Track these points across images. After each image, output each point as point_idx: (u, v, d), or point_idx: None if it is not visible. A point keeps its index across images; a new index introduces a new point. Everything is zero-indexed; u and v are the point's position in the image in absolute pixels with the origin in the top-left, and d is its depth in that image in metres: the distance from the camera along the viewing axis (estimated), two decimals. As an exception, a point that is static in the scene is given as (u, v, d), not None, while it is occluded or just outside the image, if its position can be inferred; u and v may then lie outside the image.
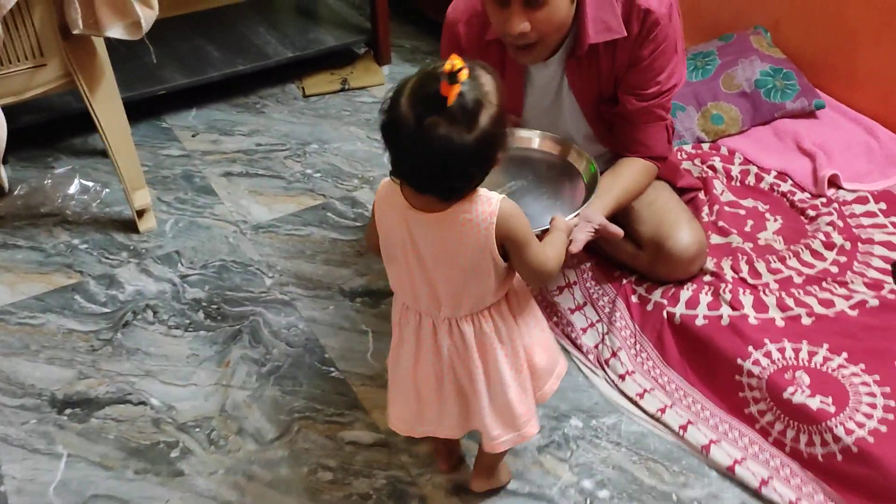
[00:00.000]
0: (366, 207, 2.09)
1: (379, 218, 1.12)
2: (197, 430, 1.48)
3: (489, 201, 1.05)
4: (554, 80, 1.56)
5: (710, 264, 1.71)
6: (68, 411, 1.52)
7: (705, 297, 1.63)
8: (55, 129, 2.34)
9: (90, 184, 2.15)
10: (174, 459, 1.43)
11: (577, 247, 1.32)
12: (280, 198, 2.14)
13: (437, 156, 0.97)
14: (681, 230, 1.64)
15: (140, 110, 2.46)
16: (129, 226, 2.00)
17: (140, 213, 1.96)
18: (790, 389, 1.42)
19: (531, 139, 1.58)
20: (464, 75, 0.94)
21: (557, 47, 1.48)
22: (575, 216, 1.34)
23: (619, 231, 1.41)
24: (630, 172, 1.59)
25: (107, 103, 1.80)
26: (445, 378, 1.18)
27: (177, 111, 2.52)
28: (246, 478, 1.40)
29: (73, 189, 2.11)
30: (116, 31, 1.66)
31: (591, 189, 1.43)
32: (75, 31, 1.63)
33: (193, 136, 2.41)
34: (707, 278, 1.68)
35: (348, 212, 2.07)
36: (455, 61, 0.93)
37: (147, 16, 1.67)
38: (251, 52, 2.61)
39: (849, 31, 2.10)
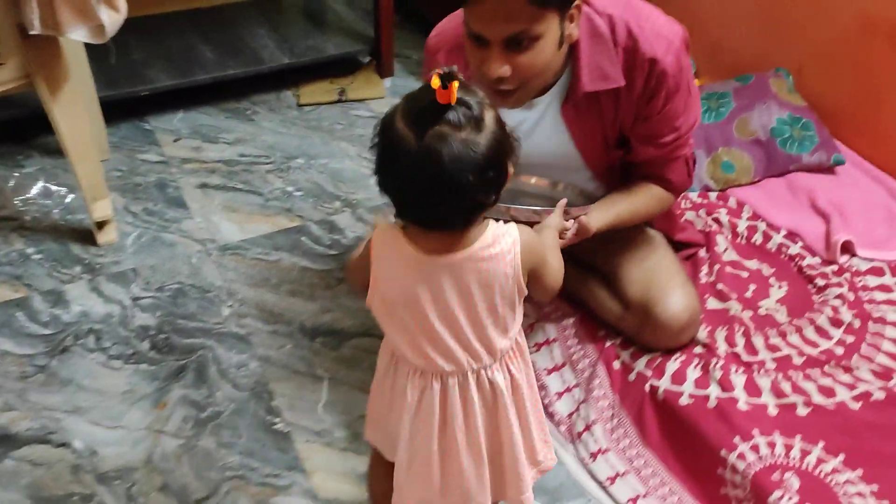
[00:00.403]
0: (343, 234, 1.96)
1: (379, 272, 0.98)
2: (117, 482, 1.35)
3: (505, 230, 0.97)
4: (546, 124, 1.41)
5: (702, 333, 1.56)
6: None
7: (693, 372, 1.48)
8: (33, 125, 2.23)
9: (55, 188, 2.03)
10: (88, 516, 1.31)
11: (566, 240, 1.27)
12: (254, 216, 2.01)
13: (450, 170, 0.86)
14: (672, 295, 1.49)
15: (123, 109, 2.34)
16: (88, 237, 1.88)
17: (100, 225, 1.84)
18: (777, 494, 1.27)
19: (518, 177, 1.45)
20: (456, 79, 0.85)
21: (543, 91, 1.34)
22: (569, 218, 1.27)
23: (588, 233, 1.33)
24: (642, 194, 1.47)
25: (68, 108, 1.67)
26: (481, 440, 1.04)
27: (163, 112, 2.41)
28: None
29: (35, 191, 1.99)
30: (79, 34, 1.53)
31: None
32: (32, 32, 1.51)
33: (175, 140, 2.29)
34: (698, 349, 1.53)
35: (324, 237, 1.94)
36: (442, 68, 0.85)
37: (112, 20, 1.54)
38: (246, 56, 2.49)
39: (875, 81, 1.93)
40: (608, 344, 1.59)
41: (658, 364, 1.51)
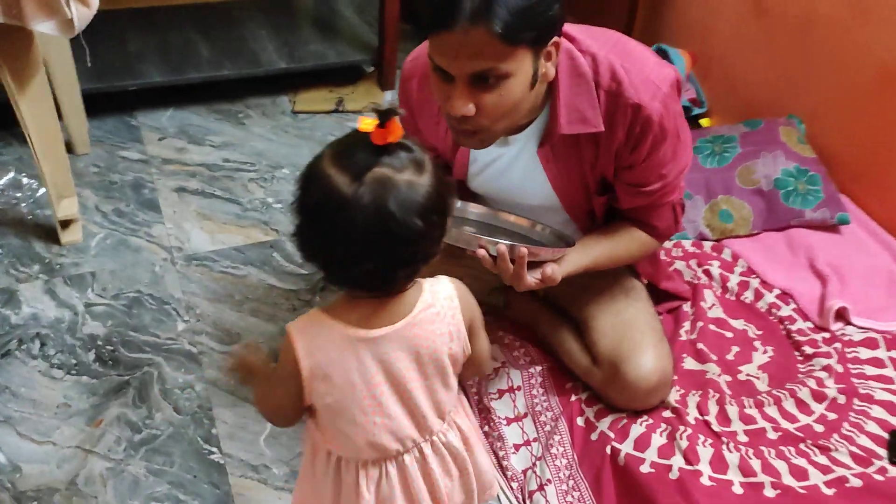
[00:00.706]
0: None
1: (313, 374, 0.85)
2: (29, 501, 1.28)
3: (436, 283, 0.89)
4: (522, 163, 1.32)
5: (674, 396, 1.46)
6: None
7: (658, 439, 1.38)
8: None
9: (26, 180, 1.97)
10: (-4, 538, 1.24)
11: (527, 284, 1.20)
12: (228, 226, 1.94)
13: (398, 217, 0.78)
14: (643, 354, 1.40)
15: (112, 102, 2.29)
16: (53, 234, 1.82)
17: (64, 224, 1.78)
18: (729, 585, 1.17)
19: (495, 213, 1.38)
20: (395, 115, 0.77)
21: (520, 129, 1.25)
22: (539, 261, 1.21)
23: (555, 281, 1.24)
24: (623, 238, 1.38)
25: (36, 103, 1.61)
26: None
27: (152, 108, 2.35)
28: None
29: (4, 182, 1.93)
30: (46, 27, 1.47)
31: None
32: (-4, 21, 1.44)
33: (160, 139, 2.23)
34: (666, 413, 1.44)
35: (297, 255, 1.86)
36: (377, 104, 0.79)
37: (82, 14, 1.48)
38: (244, 57, 2.43)
39: (892, 135, 1.83)
40: (574, 398, 1.50)
41: (623, 426, 1.42)
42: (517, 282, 1.20)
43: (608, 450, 1.39)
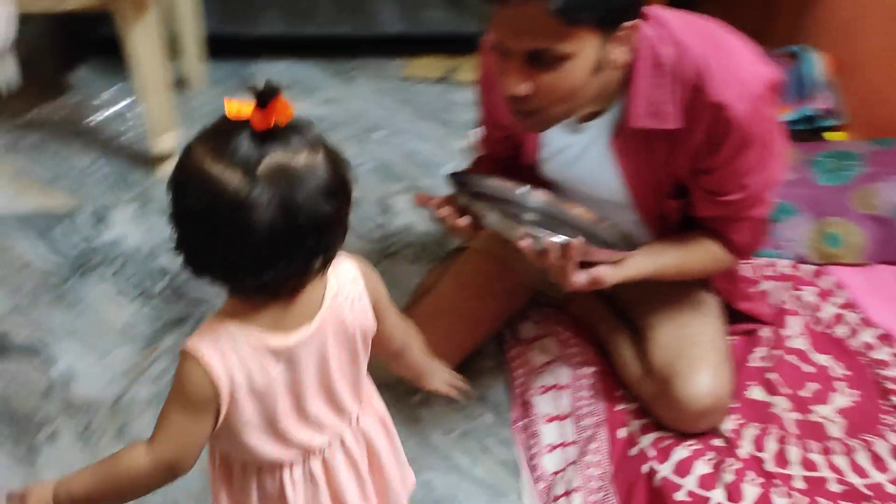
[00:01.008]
0: (395, 218, 1.86)
1: (234, 392, 0.75)
2: (79, 415, 1.36)
3: (338, 266, 0.81)
4: (593, 153, 1.24)
5: (729, 425, 1.35)
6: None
7: (702, 467, 1.28)
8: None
9: (139, 109, 2.08)
10: (39, 441, 1.32)
11: (573, 284, 1.11)
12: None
13: (305, 207, 0.69)
14: (700, 373, 1.30)
15: (233, 48, 2.37)
16: (152, 165, 1.91)
17: (161, 158, 1.86)
18: None
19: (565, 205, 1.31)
20: (278, 93, 0.67)
21: (592, 116, 1.17)
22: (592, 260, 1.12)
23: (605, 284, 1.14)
24: (696, 249, 1.27)
25: (143, 39, 1.69)
26: (368, 490, 0.93)
27: (269, 58, 2.41)
28: None
29: (116, 110, 2.05)
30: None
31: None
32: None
33: (272, 88, 2.29)
34: (717, 441, 1.33)
35: (374, 216, 1.87)
36: (254, 84, 0.67)
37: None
38: (362, 16, 2.44)
39: None
40: (621, 407, 1.41)
41: (666, 446, 1.32)
42: (563, 279, 1.13)
43: (646, 468, 1.30)
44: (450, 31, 2.47)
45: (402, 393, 1.47)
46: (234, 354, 0.75)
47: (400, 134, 2.17)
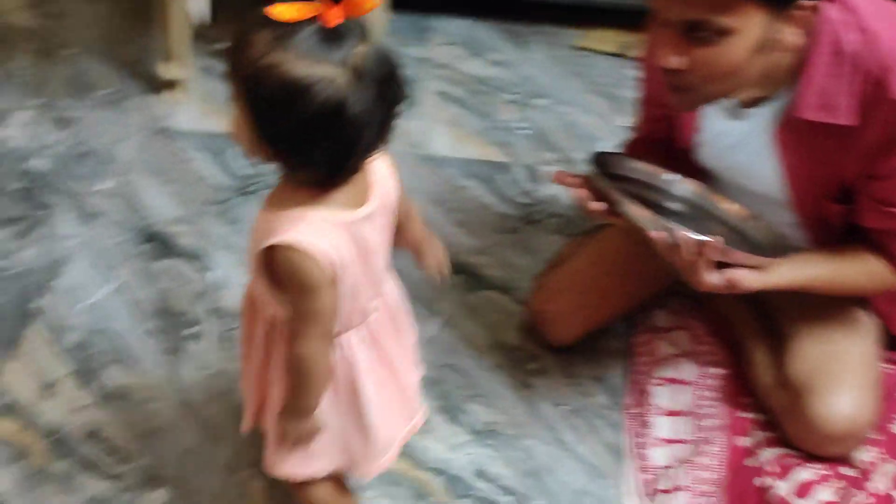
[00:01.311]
0: (542, 188, 1.84)
1: (339, 270, 0.85)
2: (224, 319, 1.47)
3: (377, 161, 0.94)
4: (754, 143, 1.16)
5: (867, 455, 1.24)
6: (145, 245, 1.61)
7: (824, 493, 1.19)
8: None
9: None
10: (185, 337, 1.44)
11: (705, 284, 1.05)
12: (470, 138, 1.99)
13: (400, 83, 0.81)
14: (839, 393, 1.20)
15: (416, 2, 2.42)
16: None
17: (167, 85, 1.96)
18: None
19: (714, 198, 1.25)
20: None
21: (753, 103, 1.09)
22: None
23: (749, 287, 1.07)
24: (852, 263, 1.17)
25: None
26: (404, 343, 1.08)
27: (450, 15, 2.44)
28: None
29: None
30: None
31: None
32: None
33: (444, 44, 2.32)
34: (847, 471, 1.23)
35: (522, 184, 1.86)
36: None
37: None
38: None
39: None
40: (744, 415, 1.34)
41: (788, 464, 1.24)
42: (693, 277, 1.07)
43: (761, 482, 1.23)
44: (629, 4, 2.38)
45: (519, 358, 1.48)
46: (325, 237, 0.82)
47: (563, 104, 2.13)
